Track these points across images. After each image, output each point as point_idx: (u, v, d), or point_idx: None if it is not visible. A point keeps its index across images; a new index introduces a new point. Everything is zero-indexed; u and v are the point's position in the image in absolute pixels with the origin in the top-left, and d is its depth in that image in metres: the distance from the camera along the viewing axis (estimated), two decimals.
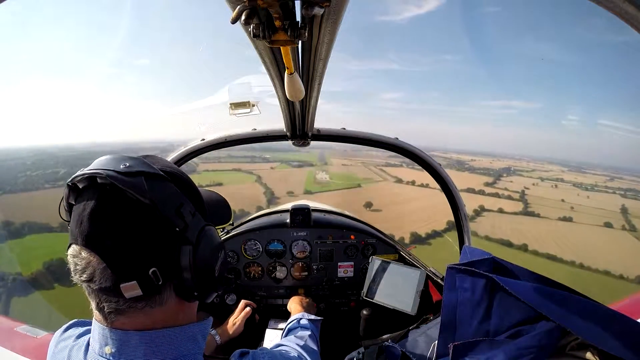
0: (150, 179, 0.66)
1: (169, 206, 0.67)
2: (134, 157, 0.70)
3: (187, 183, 0.77)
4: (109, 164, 0.66)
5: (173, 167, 0.77)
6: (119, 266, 0.63)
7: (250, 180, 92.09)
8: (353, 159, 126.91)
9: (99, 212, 0.64)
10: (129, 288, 0.63)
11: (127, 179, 0.64)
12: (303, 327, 1.44)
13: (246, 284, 2.25)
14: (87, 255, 0.63)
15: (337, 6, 0.72)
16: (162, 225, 0.66)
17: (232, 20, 0.68)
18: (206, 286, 0.75)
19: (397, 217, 66.91)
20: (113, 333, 0.68)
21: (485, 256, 1.00)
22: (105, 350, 0.69)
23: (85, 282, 0.65)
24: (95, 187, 0.65)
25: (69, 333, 0.86)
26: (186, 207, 0.70)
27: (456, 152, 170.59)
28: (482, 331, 0.91)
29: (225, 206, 1.01)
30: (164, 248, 0.67)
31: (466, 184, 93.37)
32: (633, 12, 0.60)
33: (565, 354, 0.81)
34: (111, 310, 0.67)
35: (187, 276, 0.69)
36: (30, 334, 1.86)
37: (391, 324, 1.93)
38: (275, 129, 1.93)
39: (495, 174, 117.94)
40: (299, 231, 2.23)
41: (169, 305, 0.71)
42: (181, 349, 0.72)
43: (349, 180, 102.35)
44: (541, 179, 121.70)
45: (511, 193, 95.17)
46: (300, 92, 1.14)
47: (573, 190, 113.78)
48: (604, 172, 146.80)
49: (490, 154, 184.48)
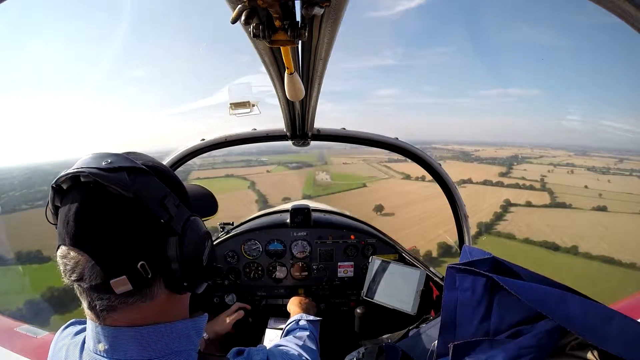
0: (133, 173, 0.67)
1: (153, 199, 0.67)
2: (116, 154, 0.70)
3: (170, 176, 0.77)
4: (92, 162, 0.66)
5: (155, 161, 0.77)
6: (107, 262, 0.64)
7: (243, 186, 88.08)
8: (354, 157, 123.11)
9: (85, 210, 0.65)
10: (119, 283, 0.64)
11: (109, 175, 0.64)
12: (302, 328, 1.44)
13: (246, 284, 2.25)
14: (75, 254, 0.64)
15: (337, 6, 0.72)
16: (146, 218, 0.67)
17: (232, 20, 0.68)
18: (195, 276, 0.75)
19: (417, 222, 60.28)
20: (105, 330, 0.69)
21: (485, 256, 1.00)
22: (99, 347, 0.70)
23: (75, 282, 0.66)
24: (79, 186, 0.66)
25: (67, 332, 0.87)
26: (170, 198, 0.70)
27: (458, 144, 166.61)
28: (482, 331, 0.92)
29: (210, 198, 1.02)
30: (150, 240, 0.67)
31: (481, 176, 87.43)
32: (633, 12, 0.60)
33: (565, 354, 0.81)
34: (103, 307, 0.67)
35: (175, 267, 0.69)
36: (30, 334, 1.86)
37: (391, 324, 1.93)
38: (275, 129, 1.93)
39: (507, 163, 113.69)
40: (299, 231, 2.22)
41: (159, 299, 0.71)
42: (174, 345, 0.73)
43: (352, 180, 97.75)
44: (553, 165, 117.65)
45: (532, 182, 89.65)
46: (300, 92, 1.14)
47: (589, 174, 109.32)
48: (610, 154, 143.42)
49: (492, 143, 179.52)
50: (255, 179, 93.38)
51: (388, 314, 1.90)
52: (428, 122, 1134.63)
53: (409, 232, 51.76)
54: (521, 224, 65.71)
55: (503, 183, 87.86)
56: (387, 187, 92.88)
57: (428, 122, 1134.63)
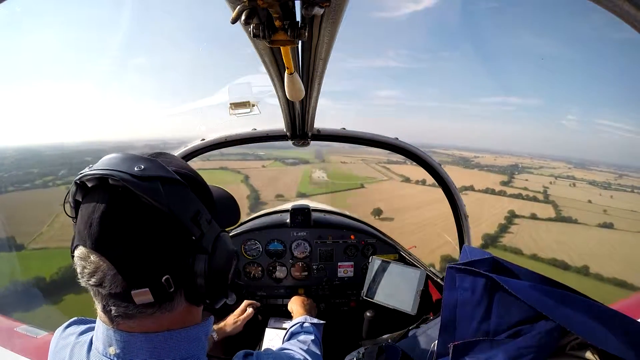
0: (167, 183, 0.64)
1: (186, 214, 0.65)
2: (148, 159, 0.67)
3: (202, 186, 0.75)
4: (122, 165, 0.63)
5: (188, 168, 0.75)
6: (131, 272, 0.62)
7: (236, 180, 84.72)
8: (353, 156, 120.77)
9: (111, 215, 0.61)
10: (141, 294, 0.62)
11: (142, 184, 0.61)
12: (306, 331, 1.43)
13: (246, 284, 2.25)
14: (96, 259, 0.62)
15: (337, 6, 0.72)
16: (178, 233, 0.65)
17: (232, 20, 0.68)
18: (218, 293, 0.74)
19: (418, 229, 56.90)
20: (118, 334, 0.68)
21: (485, 256, 1.00)
22: (110, 350, 0.68)
23: (92, 286, 0.64)
24: (106, 188, 0.63)
25: (70, 331, 0.85)
26: (203, 214, 0.68)
27: (458, 149, 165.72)
28: (482, 331, 0.91)
29: (233, 205, 0.96)
30: (179, 256, 0.66)
31: (482, 184, 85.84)
32: (633, 12, 0.60)
33: (565, 354, 0.81)
34: (119, 314, 0.66)
35: (201, 283, 0.68)
36: (30, 334, 1.86)
37: (391, 324, 1.93)
38: (275, 129, 1.93)
39: (507, 172, 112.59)
40: (299, 231, 2.22)
41: (178, 311, 0.71)
42: (185, 350, 0.72)
43: (350, 180, 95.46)
44: (554, 177, 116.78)
45: (535, 193, 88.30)
46: (300, 92, 1.14)
47: (591, 189, 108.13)
48: (608, 169, 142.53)
49: (491, 150, 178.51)
50: (249, 173, 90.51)
51: (388, 314, 1.90)
52: (428, 126, 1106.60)
53: (410, 239, 46.83)
54: (527, 238, 63.54)
55: (506, 192, 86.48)
56: (386, 189, 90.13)
57: (428, 126, 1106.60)
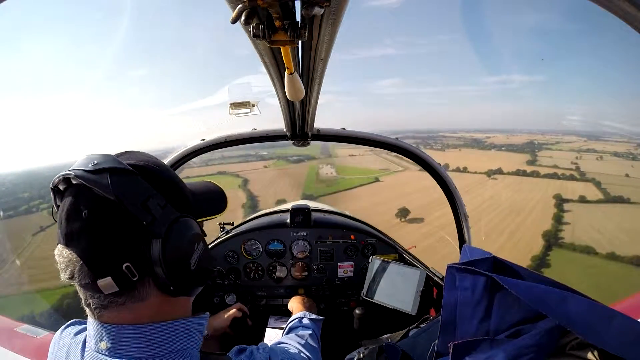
0: (116, 174, 0.67)
1: (134, 200, 0.67)
2: (106, 155, 0.71)
3: (160, 176, 0.75)
4: (82, 164, 0.68)
5: (148, 160, 0.76)
6: (94, 263, 0.66)
7: (233, 185, 77.16)
8: (361, 147, 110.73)
9: (73, 211, 0.67)
10: (105, 284, 0.66)
11: (92, 177, 0.66)
12: (304, 326, 1.44)
13: (246, 284, 2.25)
14: (68, 253, 0.67)
15: (337, 6, 0.72)
16: (128, 220, 0.67)
17: (232, 20, 0.68)
18: (183, 280, 0.73)
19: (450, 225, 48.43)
20: (106, 328, 0.70)
21: (485, 255, 1.00)
22: (101, 345, 0.70)
23: (68, 280, 0.68)
24: (71, 187, 0.69)
25: (67, 332, 0.87)
26: (154, 200, 0.70)
27: (466, 131, 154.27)
28: (482, 330, 0.91)
29: (217, 195, 0.98)
30: (132, 243, 0.68)
31: (509, 166, 76.23)
32: (633, 12, 0.60)
33: (565, 354, 0.81)
34: (96, 305, 0.69)
35: (159, 270, 0.68)
36: (30, 334, 1.86)
37: (391, 324, 1.93)
38: (275, 129, 1.93)
39: (528, 151, 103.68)
40: (299, 231, 2.22)
41: (151, 300, 0.71)
42: (176, 343, 0.73)
43: (361, 174, 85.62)
44: (575, 151, 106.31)
45: (571, 172, 78.90)
46: (300, 92, 1.15)
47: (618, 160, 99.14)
48: (622, 138, 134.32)
49: (500, 130, 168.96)
50: (249, 176, 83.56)
51: (388, 314, 1.90)
52: (432, 111, 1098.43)
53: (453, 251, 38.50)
54: (589, 229, 52.58)
55: (539, 173, 77.79)
56: (403, 182, 79.91)
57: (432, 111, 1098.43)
